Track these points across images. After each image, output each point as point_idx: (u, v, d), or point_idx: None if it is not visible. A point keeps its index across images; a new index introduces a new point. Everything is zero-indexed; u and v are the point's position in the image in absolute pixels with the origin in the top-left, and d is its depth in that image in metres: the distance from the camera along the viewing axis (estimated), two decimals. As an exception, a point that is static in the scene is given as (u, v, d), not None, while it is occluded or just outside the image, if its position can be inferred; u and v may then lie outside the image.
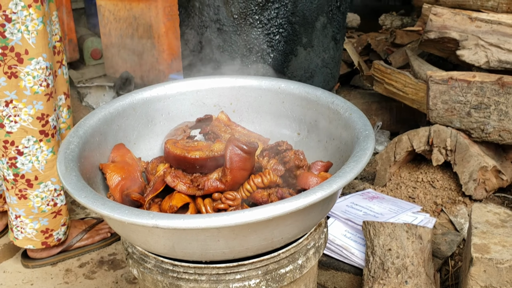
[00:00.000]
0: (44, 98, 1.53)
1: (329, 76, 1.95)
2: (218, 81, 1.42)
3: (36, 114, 1.53)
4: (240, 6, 1.69)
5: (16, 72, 1.45)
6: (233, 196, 1.05)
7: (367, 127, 1.06)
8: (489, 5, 2.09)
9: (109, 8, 3.57)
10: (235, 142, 1.03)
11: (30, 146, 1.55)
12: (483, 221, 1.40)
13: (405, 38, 2.78)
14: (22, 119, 1.51)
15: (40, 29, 1.47)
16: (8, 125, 1.51)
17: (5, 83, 1.45)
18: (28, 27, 1.44)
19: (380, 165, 2.01)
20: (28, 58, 1.46)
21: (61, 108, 1.69)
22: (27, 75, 1.47)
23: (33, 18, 1.44)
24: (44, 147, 1.58)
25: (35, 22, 1.45)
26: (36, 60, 1.48)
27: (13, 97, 1.48)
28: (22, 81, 1.47)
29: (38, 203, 1.64)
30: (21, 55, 1.45)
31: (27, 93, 1.49)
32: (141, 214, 0.83)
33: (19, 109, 1.49)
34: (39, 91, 1.51)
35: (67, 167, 0.97)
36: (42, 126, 1.55)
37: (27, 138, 1.54)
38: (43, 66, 1.50)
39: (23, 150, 1.55)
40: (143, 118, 1.29)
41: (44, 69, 1.50)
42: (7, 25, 1.40)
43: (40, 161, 1.59)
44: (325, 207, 1.00)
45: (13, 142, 1.53)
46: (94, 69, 4.09)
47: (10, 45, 1.42)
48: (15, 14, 1.40)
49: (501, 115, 1.81)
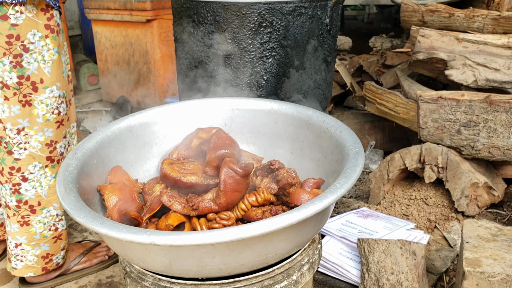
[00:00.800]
0: (54, 126, 1.55)
1: (322, 97, 1.99)
2: (212, 103, 1.46)
3: (46, 141, 1.54)
4: (233, 31, 1.74)
5: (30, 100, 1.47)
6: (227, 216, 1.08)
7: (357, 145, 1.09)
8: (475, 26, 2.15)
9: (106, 34, 3.64)
10: (230, 165, 1.06)
11: (36, 172, 1.56)
12: (475, 235, 1.42)
13: (395, 59, 2.85)
14: (31, 146, 1.52)
15: (56, 59, 1.50)
16: (17, 152, 1.52)
17: (19, 111, 1.47)
18: (45, 57, 1.47)
19: (374, 184, 2.04)
20: (43, 86, 1.49)
21: (73, 136, 1.71)
22: (41, 103, 1.49)
23: (49, 48, 1.47)
24: (48, 172, 1.59)
25: (51, 52, 1.48)
26: (50, 88, 1.50)
27: (26, 125, 1.49)
28: (35, 109, 1.49)
29: (40, 229, 1.65)
30: (36, 83, 1.47)
31: (39, 121, 1.51)
32: (138, 232, 0.85)
33: (30, 136, 1.51)
34: (50, 118, 1.53)
35: (66, 188, 1.00)
36: (49, 152, 1.56)
37: (34, 164, 1.55)
38: (56, 95, 1.53)
39: (28, 176, 1.56)
40: (140, 141, 1.32)
41: (57, 98, 1.53)
42: (25, 55, 1.43)
43: (43, 186, 1.60)
44: (318, 223, 1.02)
45: (19, 168, 1.54)
46: (91, 95, 4.14)
47: (26, 74, 1.45)
48: (33, 44, 1.43)
49: (490, 132, 1.86)
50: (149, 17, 3.29)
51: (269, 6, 1.72)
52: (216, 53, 1.80)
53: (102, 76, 3.80)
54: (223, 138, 1.25)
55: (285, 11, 1.74)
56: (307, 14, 1.78)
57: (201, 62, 1.85)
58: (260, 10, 1.72)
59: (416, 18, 2.34)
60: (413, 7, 2.34)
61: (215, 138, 1.25)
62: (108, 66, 3.71)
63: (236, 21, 1.73)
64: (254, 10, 1.72)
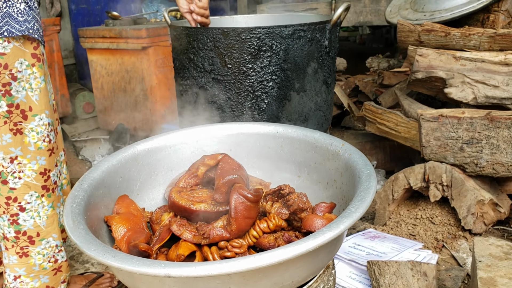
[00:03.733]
0: (46, 154, 1.54)
1: (323, 118, 1.99)
2: (216, 129, 1.45)
3: (39, 169, 1.54)
4: (233, 56, 1.74)
5: (21, 128, 1.48)
6: (239, 244, 1.06)
7: (368, 166, 1.08)
8: (472, 44, 2.17)
9: (101, 62, 3.64)
10: (240, 191, 1.04)
11: (33, 202, 1.55)
12: (487, 254, 1.40)
13: (392, 79, 2.86)
14: (26, 175, 1.52)
15: (43, 87, 1.51)
16: (12, 182, 1.51)
17: (10, 140, 1.47)
18: (32, 85, 1.48)
19: (379, 204, 2.03)
20: (32, 114, 1.49)
21: (62, 164, 1.70)
22: (31, 131, 1.49)
23: (36, 76, 1.48)
24: (45, 202, 1.58)
25: (38, 80, 1.49)
26: (40, 116, 1.51)
27: (18, 153, 1.49)
28: (26, 137, 1.49)
29: (39, 260, 1.62)
30: (25, 111, 1.48)
31: (31, 149, 1.51)
32: (152, 264, 0.83)
33: (24, 165, 1.51)
34: (42, 146, 1.53)
35: (74, 221, 0.97)
36: (44, 181, 1.55)
37: (30, 193, 1.54)
38: (46, 123, 1.53)
39: (26, 206, 1.54)
40: (146, 169, 1.31)
41: (46, 125, 1.53)
42: (13, 83, 1.44)
43: (42, 216, 1.58)
44: (333, 248, 1.00)
45: (16, 198, 1.53)
46: (87, 123, 4.12)
47: (15, 103, 1.46)
48: (20, 73, 1.44)
49: (493, 148, 1.85)
50: (145, 45, 3.31)
51: (268, 31, 1.72)
52: (216, 79, 1.79)
53: (99, 104, 3.79)
54: (230, 163, 1.24)
55: (285, 34, 1.74)
56: (306, 37, 1.79)
57: (201, 87, 1.85)
58: (260, 35, 1.72)
59: (412, 38, 2.36)
60: (409, 27, 2.37)
61: (222, 164, 1.23)
62: (104, 94, 3.71)
63: (236, 46, 1.74)
64: (254, 34, 1.72)
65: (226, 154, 1.30)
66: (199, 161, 1.30)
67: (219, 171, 1.19)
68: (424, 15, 2.57)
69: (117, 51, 3.48)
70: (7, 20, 1.38)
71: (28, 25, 1.43)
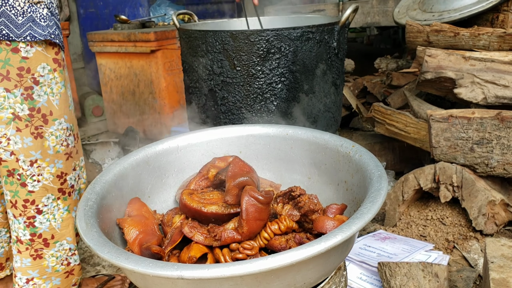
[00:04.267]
0: (64, 157, 1.57)
1: (332, 120, 1.99)
2: (226, 131, 1.46)
3: (56, 173, 1.56)
4: (242, 58, 1.74)
5: (42, 132, 1.50)
6: (250, 246, 1.06)
7: (379, 168, 1.08)
8: (481, 44, 2.16)
9: (110, 66, 3.66)
10: (251, 193, 1.05)
11: (49, 204, 1.57)
12: (499, 255, 1.40)
13: (401, 80, 2.85)
14: (44, 178, 1.54)
15: (63, 92, 1.54)
16: (30, 184, 1.53)
17: (31, 143, 1.49)
18: (53, 90, 1.50)
19: (389, 205, 2.02)
20: (52, 119, 1.52)
21: (82, 169, 1.72)
22: (51, 135, 1.52)
23: (57, 81, 1.51)
24: (61, 205, 1.59)
25: (59, 85, 1.51)
26: (59, 121, 1.53)
27: (38, 157, 1.51)
28: (46, 141, 1.52)
29: (53, 263, 1.63)
30: (46, 116, 1.50)
31: (50, 152, 1.53)
32: (166, 266, 0.83)
33: (43, 168, 1.53)
34: (60, 150, 1.55)
35: (87, 223, 0.98)
36: (60, 184, 1.57)
37: (47, 196, 1.56)
38: (64, 127, 1.56)
39: (43, 209, 1.56)
40: (156, 171, 1.32)
41: (65, 130, 1.56)
42: (35, 88, 1.46)
43: (57, 219, 1.60)
44: (345, 250, 1.00)
45: (33, 201, 1.55)
46: (96, 126, 4.15)
47: (37, 107, 1.48)
48: (43, 77, 1.47)
49: (504, 149, 1.84)
50: (153, 48, 3.32)
51: (277, 33, 1.73)
52: (226, 81, 1.80)
53: (108, 107, 3.82)
54: (240, 165, 1.24)
55: (293, 36, 1.75)
56: (314, 38, 1.79)
57: (210, 90, 1.85)
58: (268, 37, 1.73)
59: (421, 39, 2.35)
60: (418, 27, 2.36)
61: (233, 166, 1.24)
62: (114, 97, 3.73)
63: (244, 49, 1.74)
64: (262, 37, 1.73)
65: (236, 156, 1.30)
66: (209, 163, 1.31)
67: (230, 173, 1.20)
68: (433, 16, 2.56)
69: (126, 54, 3.50)
70: (30, 25, 1.40)
71: (50, 30, 1.45)
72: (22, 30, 1.39)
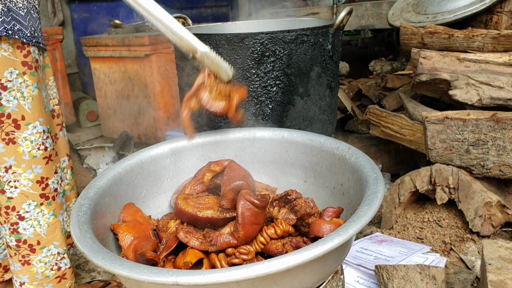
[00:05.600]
0: (43, 162, 1.53)
1: (327, 122, 1.98)
2: (221, 135, 1.45)
3: (36, 178, 1.53)
4: (237, 61, 1.74)
5: (13, 138, 1.47)
6: (246, 250, 1.05)
7: (375, 170, 1.07)
8: (475, 45, 2.17)
9: (104, 71, 3.65)
10: (247, 197, 1.04)
11: (31, 211, 1.55)
12: (496, 257, 1.39)
13: (396, 82, 2.85)
14: (22, 184, 1.51)
15: (36, 95, 1.50)
16: (8, 191, 1.51)
17: (3, 149, 1.47)
18: (24, 93, 1.47)
19: (386, 208, 2.02)
20: (25, 123, 1.48)
21: (65, 170, 1.70)
22: (25, 140, 1.49)
23: (28, 84, 1.47)
24: (45, 210, 1.57)
25: (30, 88, 1.47)
26: (33, 124, 1.50)
27: (12, 163, 1.49)
28: (20, 147, 1.49)
29: (41, 268, 1.61)
30: (18, 121, 1.47)
31: (25, 158, 1.50)
32: (160, 272, 0.82)
33: (19, 174, 1.50)
34: (37, 155, 1.52)
35: (81, 229, 0.97)
36: (42, 190, 1.55)
37: (28, 202, 1.53)
38: (40, 130, 1.52)
39: (24, 215, 1.54)
40: (151, 176, 1.30)
41: (41, 133, 1.52)
42: (3, 93, 1.43)
43: (42, 225, 1.57)
44: (342, 254, 0.99)
45: (14, 207, 1.53)
46: (91, 131, 4.13)
47: (6, 112, 1.45)
48: (11, 82, 1.43)
49: (499, 150, 1.84)
50: (148, 52, 3.31)
51: (272, 36, 1.72)
52: (220, 84, 1.79)
53: (102, 112, 3.80)
54: (236, 169, 1.23)
55: (288, 39, 1.74)
56: (309, 41, 1.78)
57: (205, 94, 1.84)
58: (263, 40, 1.72)
59: (415, 41, 2.35)
60: (412, 29, 2.36)
61: (228, 170, 1.23)
62: (108, 102, 3.71)
63: (239, 52, 1.73)
64: (257, 40, 1.72)
65: (232, 160, 1.29)
66: (205, 167, 1.30)
67: (225, 178, 1.19)
68: (427, 18, 2.57)
69: (120, 59, 3.48)
70: None
71: (7, 26, 1.39)
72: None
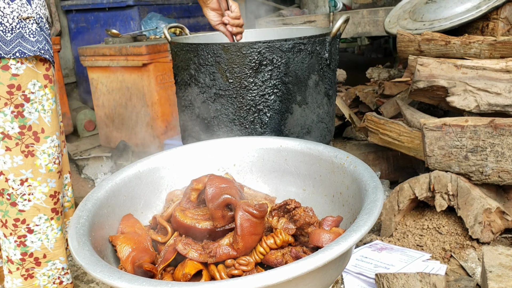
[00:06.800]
0: (56, 176, 1.53)
1: (326, 130, 1.98)
2: (219, 144, 1.44)
3: (50, 192, 1.52)
4: (234, 70, 1.74)
5: (32, 150, 1.46)
6: (246, 261, 1.04)
7: (374, 179, 1.07)
8: (472, 52, 2.17)
9: (102, 80, 3.65)
10: (245, 208, 1.03)
11: (41, 224, 1.53)
12: (497, 264, 1.39)
13: (393, 89, 2.86)
14: (35, 197, 1.50)
15: (54, 108, 1.51)
16: (21, 204, 1.49)
17: (21, 162, 1.46)
18: (44, 106, 1.47)
19: (385, 215, 2.01)
20: (44, 136, 1.48)
21: (66, 187, 1.69)
22: (43, 153, 1.48)
23: (48, 97, 1.48)
24: (54, 225, 1.55)
25: (50, 101, 1.48)
26: (51, 138, 1.50)
27: (29, 176, 1.48)
28: (38, 160, 1.48)
29: (44, 281, 1.60)
30: (38, 133, 1.47)
31: (42, 171, 1.49)
32: (159, 285, 0.81)
33: (34, 188, 1.49)
34: (53, 168, 1.51)
35: (79, 242, 0.96)
36: (54, 204, 1.53)
37: (39, 216, 1.52)
38: (56, 144, 1.52)
39: (34, 228, 1.53)
40: (149, 187, 1.30)
41: (57, 147, 1.52)
42: (26, 105, 1.43)
43: (50, 239, 1.56)
44: (342, 263, 0.99)
45: (24, 220, 1.51)
46: (88, 141, 4.12)
47: (28, 124, 1.44)
48: (33, 94, 1.44)
49: (498, 156, 1.84)
50: (145, 61, 3.32)
51: (269, 45, 1.72)
52: (218, 93, 1.79)
53: (100, 122, 3.80)
54: (217, 183, 1.18)
55: (285, 48, 1.74)
56: (306, 50, 1.79)
57: (203, 102, 1.84)
58: (260, 49, 1.72)
59: (412, 48, 2.36)
60: (409, 37, 2.37)
61: (209, 187, 1.15)
62: (106, 112, 3.71)
63: (236, 61, 1.74)
64: (254, 49, 1.72)
65: (211, 174, 1.20)
66: (189, 186, 1.25)
67: (209, 196, 1.14)
68: (424, 25, 2.57)
69: (118, 68, 3.48)
70: (19, 41, 1.38)
71: (40, 46, 1.42)
72: (11, 47, 1.37)
